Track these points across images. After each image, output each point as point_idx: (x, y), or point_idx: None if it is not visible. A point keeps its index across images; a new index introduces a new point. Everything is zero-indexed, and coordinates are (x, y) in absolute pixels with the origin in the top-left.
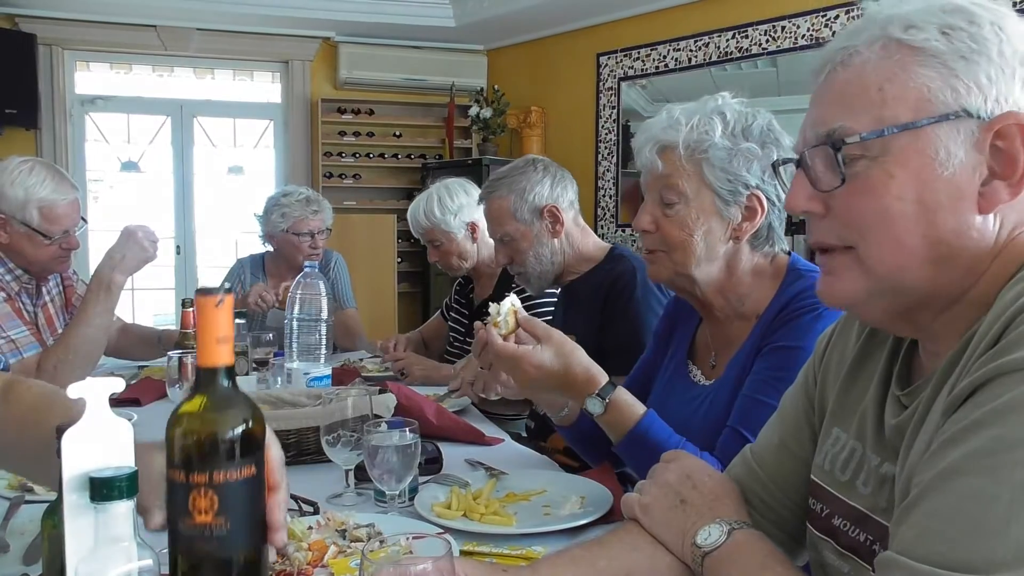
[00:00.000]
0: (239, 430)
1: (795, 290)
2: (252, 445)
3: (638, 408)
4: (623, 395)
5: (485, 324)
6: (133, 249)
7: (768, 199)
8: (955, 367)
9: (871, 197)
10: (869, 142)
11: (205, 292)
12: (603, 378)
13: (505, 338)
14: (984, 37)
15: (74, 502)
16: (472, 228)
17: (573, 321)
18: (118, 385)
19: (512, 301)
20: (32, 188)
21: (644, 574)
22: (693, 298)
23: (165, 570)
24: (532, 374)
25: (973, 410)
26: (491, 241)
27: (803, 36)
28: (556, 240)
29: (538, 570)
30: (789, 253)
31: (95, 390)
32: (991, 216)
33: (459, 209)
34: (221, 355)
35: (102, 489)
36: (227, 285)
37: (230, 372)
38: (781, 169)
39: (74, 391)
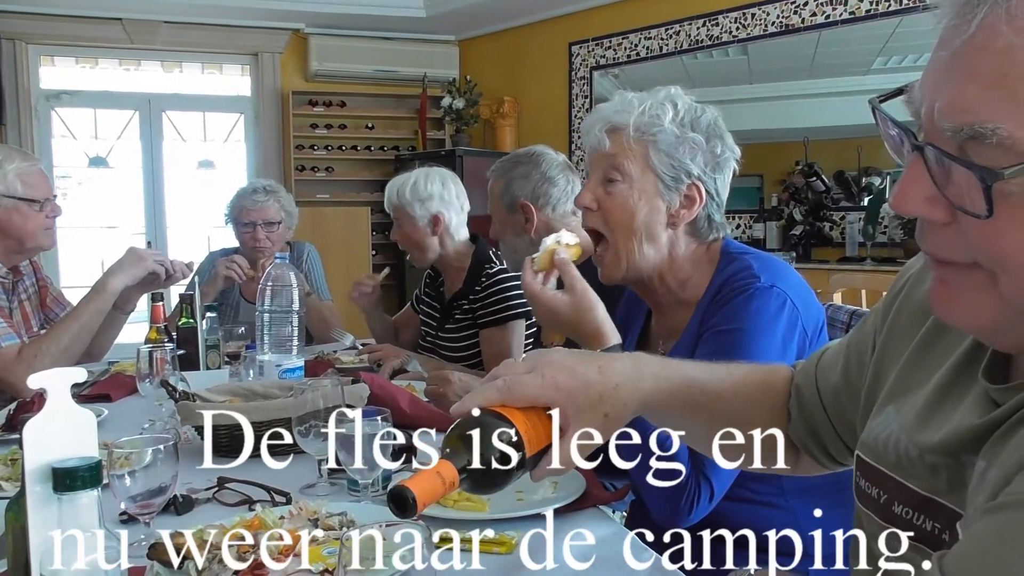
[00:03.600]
0: None
1: (727, 273)
2: None
3: None
4: None
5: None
6: (131, 258)
7: (707, 191)
8: None
9: None
10: None
11: None
12: (612, 339)
13: (537, 273)
14: None
15: (38, 493)
16: (435, 221)
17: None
18: (79, 375)
19: (557, 239)
20: (4, 162)
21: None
22: (641, 284)
23: (133, 563)
24: (544, 316)
25: None
26: (456, 236)
27: (773, 23)
28: (526, 236)
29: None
30: (723, 237)
31: (56, 380)
32: None
33: (428, 197)
34: None
35: (65, 479)
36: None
37: None
38: (881, 107)
39: (34, 381)
